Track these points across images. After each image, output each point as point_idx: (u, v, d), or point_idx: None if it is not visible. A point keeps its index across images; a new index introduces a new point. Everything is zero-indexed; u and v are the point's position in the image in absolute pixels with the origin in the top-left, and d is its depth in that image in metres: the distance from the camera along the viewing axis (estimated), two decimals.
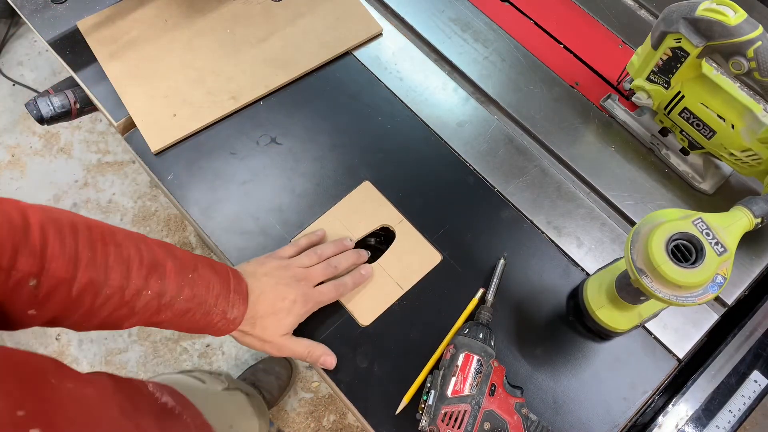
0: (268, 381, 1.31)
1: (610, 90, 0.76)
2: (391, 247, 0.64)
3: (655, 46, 0.64)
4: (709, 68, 0.65)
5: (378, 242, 0.67)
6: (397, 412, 0.57)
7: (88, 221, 0.46)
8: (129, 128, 0.71)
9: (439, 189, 0.68)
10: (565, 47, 0.80)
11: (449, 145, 0.71)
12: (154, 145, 0.68)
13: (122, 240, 0.47)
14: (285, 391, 1.34)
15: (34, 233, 0.40)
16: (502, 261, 0.64)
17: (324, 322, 0.61)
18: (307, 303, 0.57)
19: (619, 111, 0.74)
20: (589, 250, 0.66)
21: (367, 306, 0.62)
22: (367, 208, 0.66)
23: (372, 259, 0.65)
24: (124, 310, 0.46)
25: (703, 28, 0.59)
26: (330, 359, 0.58)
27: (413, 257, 0.64)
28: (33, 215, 0.41)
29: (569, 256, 0.66)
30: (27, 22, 0.76)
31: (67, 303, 0.43)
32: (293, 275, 0.57)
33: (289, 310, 0.56)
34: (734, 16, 0.57)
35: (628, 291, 0.55)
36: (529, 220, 0.67)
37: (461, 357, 0.54)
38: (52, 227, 0.42)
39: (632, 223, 0.69)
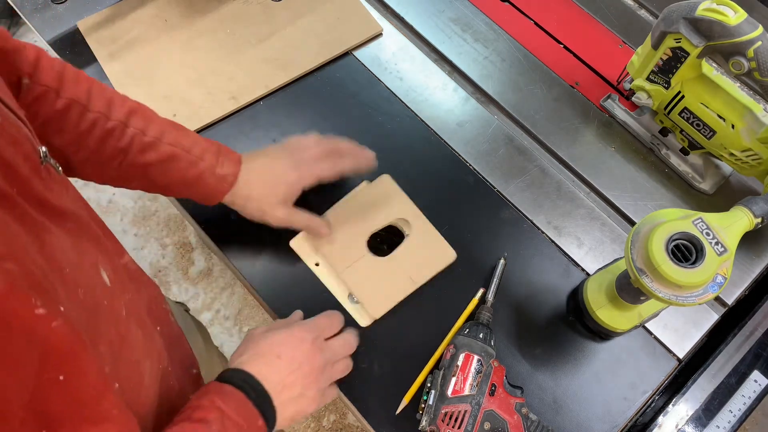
0: None
1: (610, 90, 0.76)
2: (398, 247, 0.64)
3: (655, 46, 0.64)
4: (709, 68, 0.65)
5: (378, 242, 0.67)
6: (397, 412, 0.57)
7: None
8: None
9: (439, 189, 0.68)
10: (565, 47, 0.80)
11: (449, 145, 0.71)
12: None
13: (105, 87, 0.52)
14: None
15: (29, 50, 0.48)
16: (502, 261, 0.64)
17: None
18: (302, 175, 0.59)
19: (619, 111, 0.74)
20: (589, 250, 0.66)
21: (367, 306, 0.61)
22: (366, 208, 0.66)
23: (384, 253, 0.64)
24: (111, 142, 0.50)
25: (703, 28, 0.59)
26: (324, 229, 0.61)
27: (425, 254, 0.64)
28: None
29: (569, 256, 0.66)
30: (27, 22, 0.76)
31: (51, 114, 0.48)
32: (286, 148, 0.61)
33: (278, 178, 0.58)
34: (734, 16, 0.57)
35: (628, 291, 0.55)
36: (529, 220, 0.67)
37: (461, 357, 0.54)
38: (45, 55, 0.49)
39: (632, 223, 0.69)
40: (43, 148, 0.36)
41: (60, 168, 0.39)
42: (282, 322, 0.56)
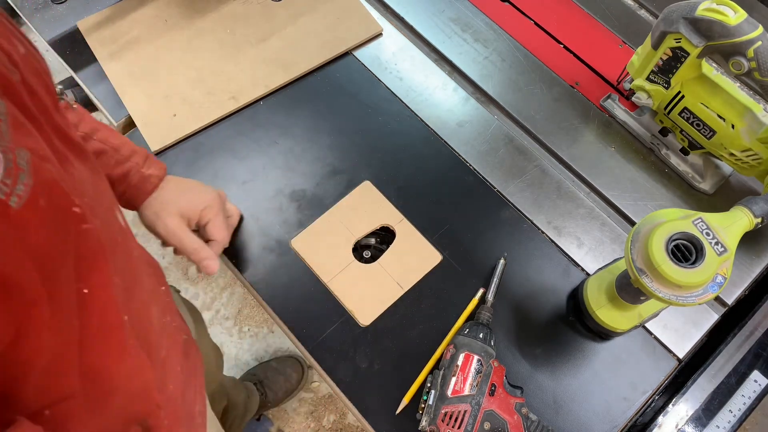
0: (276, 380, 1.31)
1: (610, 90, 0.76)
2: (391, 246, 0.64)
3: (655, 46, 0.64)
4: (709, 68, 0.65)
5: (378, 242, 0.67)
6: (397, 412, 0.57)
7: None
8: (129, 128, 0.71)
9: (439, 189, 0.68)
10: (565, 47, 0.80)
11: (449, 145, 0.71)
12: (154, 145, 0.68)
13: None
14: (291, 394, 1.34)
15: None
16: (502, 261, 0.64)
17: (324, 322, 0.61)
18: (213, 204, 0.59)
19: (619, 111, 0.74)
20: (589, 250, 0.66)
21: (367, 306, 0.62)
22: (367, 208, 0.66)
23: (372, 259, 0.65)
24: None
25: (703, 28, 0.59)
26: (213, 264, 0.57)
27: (413, 257, 0.64)
28: None
29: (569, 256, 0.66)
30: (27, 22, 0.76)
31: None
32: (210, 189, 0.61)
33: (186, 202, 0.58)
34: (734, 16, 0.57)
35: (628, 291, 0.55)
36: (529, 220, 0.67)
37: (461, 357, 0.54)
38: None
39: (632, 223, 0.69)
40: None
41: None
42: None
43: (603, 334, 0.61)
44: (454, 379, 0.53)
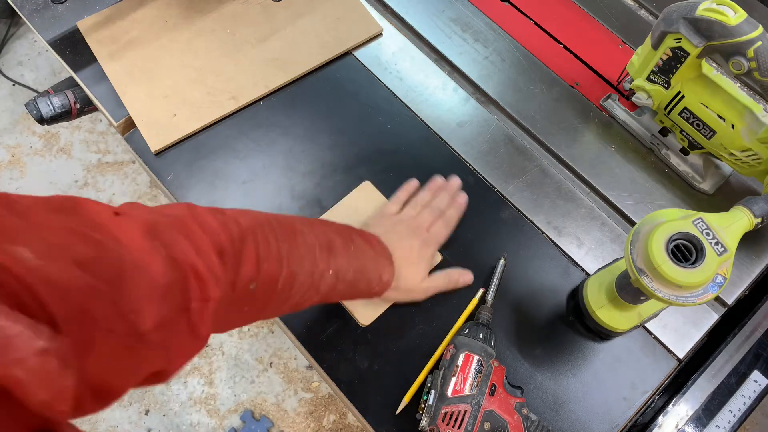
0: None
1: (610, 90, 0.76)
2: None
3: (655, 46, 0.64)
4: (709, 68, 0.65)
5: None
6: (397, 412, 0.57)
7: (270, 216, 0.48)
8: (129, 128, 0.71)
9: None
10: (565, 47, 0.80)
11: (449, 145, 0.71)
12: (154, 145, 0.68)
13: (301, 227, 0.49)
14: None
15: (248, 240, 0.42)
16: (502, 261, 0.63)
17: (324, 322, 0.61)
18: (430, 246, 0.61)
19: (619, 111, 0.74)
20: (589, 250, 0.66)
21: (367, 306, 0.62)
22: (367, 208, 0.66)
23: None
24: (311, 292, 0.49)
25: (703, 28, 0.59)
26: (468, 276, 0.63)
27: None
28: (243, 222, 0.43)
29: (569, 256, 0.66)
30: (27, 22, 0.76)
31: (272, 296, 0.45)
32: (408, 227, 0.61)
33: (419, 257, 0.60)
34: (734, 16, 0.57)
35: (628, 291, 0.55)
36: (529, 220, 0.67)
37: (461, 357, 0.54)
38: (259, 230, 0.44)
39: (632, 223, 0.69)
40: None
41: None
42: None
43: (603, 334, 0.61)
44: (454, 379, 0.53)
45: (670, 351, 0.62)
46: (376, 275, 0.54)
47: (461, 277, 0.62)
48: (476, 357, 0.54)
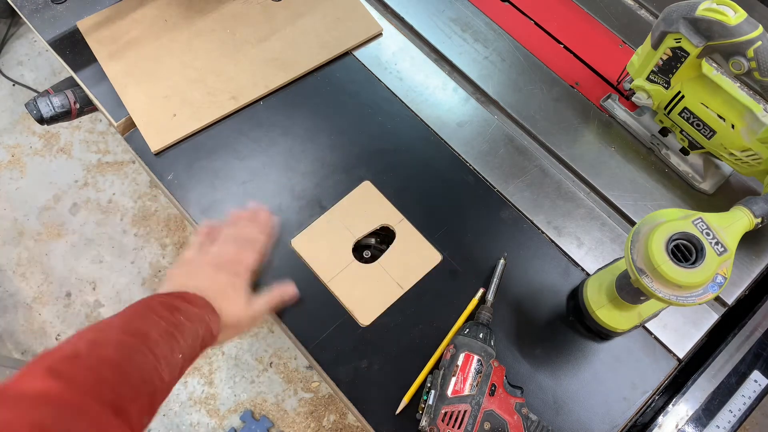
0: None
1: (610, 90, 0.76)
2: (391, 246, 0.64)
3: (655, 46, 0.64)
4: (709, 68, 0.65)
5: (378, 242, 0.67)
6: (397, 412, 0.57)
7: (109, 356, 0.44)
8: (129, 128, 0.71)
9: (439, 189, 0.68)
10: (565, 47, 0.80)
11: (449, 145, 0.71)
12: (154, 145, 0.68)
13: (158, 337, 0.48)
14: None
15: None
16: (502, 261, 0.63)
17: (324, 322, 0.61)
18: (239, 275, 0.59)
19: (619, 111, 0.74)
20: (589, 250, 0.66)
21: (367, 306, 0.62)
22: (367, 208, 0.66)
23: (372, 259, 0.65)
24: (174, 384, 0.49)
25: (703, 28, 0.59)
26: (290, 288, 0.61)
27: (413, 257, 0.64)
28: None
29: (569, 256, 0.66)
30: (27, 22, 0.76)
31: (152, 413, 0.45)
32: (210, 264, 0.59)
33: (233, 289, 0.58)
34: (734, 16, 0.57)
35: (628, 291, 0.55)
36: (529, 220, 0.67)
37: (461, 357, 0.54)
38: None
39: (632, 223, 0.69)
40: None
41: None
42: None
43: (603, 334, 0.61)
44: (454, 379, 0.53)
45: (670, 351, 0.62)
46: (209, 334, 0.54)
47: (283, 293, 0.61)
48: (476, 357, 0.54)
